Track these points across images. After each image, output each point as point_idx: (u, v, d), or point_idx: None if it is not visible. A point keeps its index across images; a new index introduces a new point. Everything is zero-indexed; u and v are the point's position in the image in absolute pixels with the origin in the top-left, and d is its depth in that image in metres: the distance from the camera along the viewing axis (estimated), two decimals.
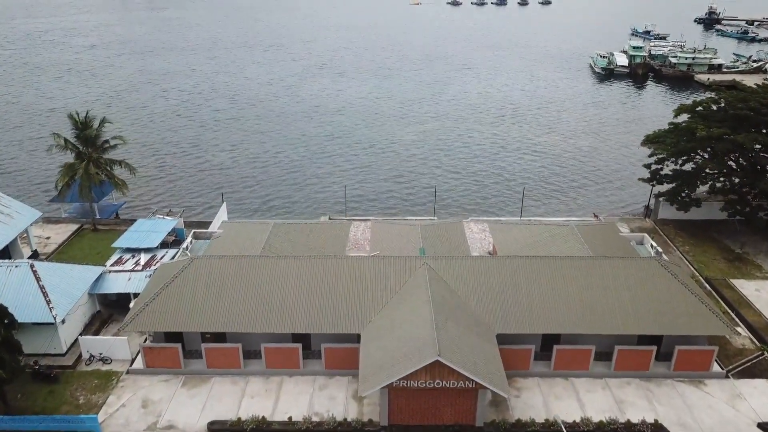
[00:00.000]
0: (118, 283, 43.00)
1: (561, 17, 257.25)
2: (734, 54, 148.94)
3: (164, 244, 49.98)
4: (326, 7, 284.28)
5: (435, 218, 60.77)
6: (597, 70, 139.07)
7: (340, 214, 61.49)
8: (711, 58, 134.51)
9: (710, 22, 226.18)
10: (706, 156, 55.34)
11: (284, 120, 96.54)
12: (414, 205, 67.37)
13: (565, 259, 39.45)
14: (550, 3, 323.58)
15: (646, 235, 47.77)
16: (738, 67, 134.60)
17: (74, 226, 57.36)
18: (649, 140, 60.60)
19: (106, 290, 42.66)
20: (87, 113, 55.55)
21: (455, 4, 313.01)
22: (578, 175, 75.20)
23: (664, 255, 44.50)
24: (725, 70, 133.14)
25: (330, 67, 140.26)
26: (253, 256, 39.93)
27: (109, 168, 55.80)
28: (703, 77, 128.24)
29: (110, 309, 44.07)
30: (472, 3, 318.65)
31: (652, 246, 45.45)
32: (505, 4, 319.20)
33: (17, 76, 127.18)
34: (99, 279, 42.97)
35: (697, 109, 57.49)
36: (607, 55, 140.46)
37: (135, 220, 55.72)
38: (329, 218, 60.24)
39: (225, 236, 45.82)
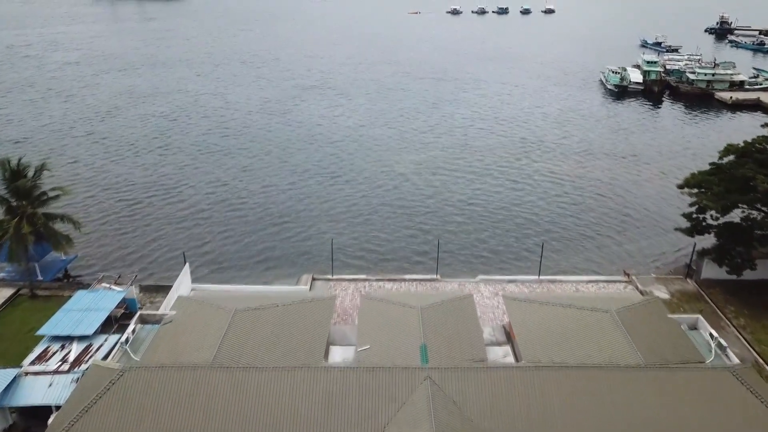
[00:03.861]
0: (35, 391, 33.73)
1: (565, 27, 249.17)
2: (754, 69, 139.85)
3: (109, 321, 41.24)
4: (324, 18, 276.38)
5: (438, 276, 51.60)
6: (609, 86, 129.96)
7: (326, 273, 52.19)
8: (732, 75, 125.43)
9: (722, 32, 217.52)
10: (765, 209, 46.23)
11: (270, 154, 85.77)
12: (414, 255, 58.11)
13: (609, 370, 30.26)
14: (553, 12, 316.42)
15: (700, 317, 38.49)
16: (761, 84, 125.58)
17: (9, 292, 48.03)
18: (690, 185, 51.55)
19: (19, 402, 33.35)
20: (20, 159, 46.54)
21: (455, 13, 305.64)
22: (604, 220, 65.07)
23: (728, 348, 35.30)
24: (747, 87, 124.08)
25: (327, 87, 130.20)
26: (203, 366, 30.67)
27: (49, 224, 46.67)
28: (724, 95, 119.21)
29: (28, 420, 34.83)
30: (472, 12, 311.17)
31: (712, 336, 36.17)
32: (507, 13, 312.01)
33: None
34: (12, 385, 33.74)
35: (752, 149, 48.37)
36: (619, 71, 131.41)
37: (82, 285, 47.18)
38: (313, 278, 51.16)
39: (176, 324, 36.54)
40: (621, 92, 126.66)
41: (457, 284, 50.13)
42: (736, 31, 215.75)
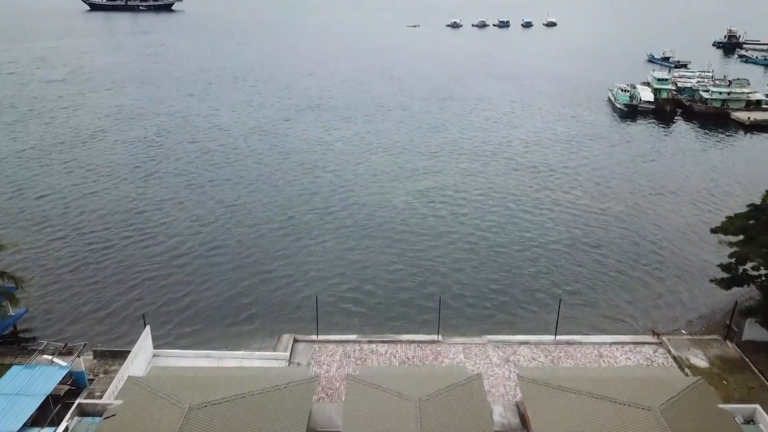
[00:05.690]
0: None
1: (568, 41, 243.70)
2: None
3: (47, 403, 34.56)
4: (322, 32, 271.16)
5: (439, 337, 44.98)
6: (618, 106, 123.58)
7: (310, 332, 45.55)
8: (748, 93, 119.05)
9: (731, 46, 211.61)
10: None
11: (259, 187, 78.43)
12: (413, 308, 51.35)
13: None
14: (555, 25, 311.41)
15: (758, 408, 31.83)
16: None
17: None
18: (728, 231, 45.04)
19: None
20: None
21: (455, 26, 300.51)
22: (627, 264, 57.95)
23: None
24: (765, 106, 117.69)
25: (324, 108, 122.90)
26: None
27: None
28: (741, 115, 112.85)
29: None
30: (473, 25, 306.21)
31: None
32: (508, 27, 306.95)
33: None
34: None
35: None
36: (629, 89, 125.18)
37: (26, 351, 40.76)
38: (295, 339, 44.58)
39: (119, 420, 29.87)
40: (631, 112, 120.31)
41: (462, 348, 43.84)
42: (745, 45, 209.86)
